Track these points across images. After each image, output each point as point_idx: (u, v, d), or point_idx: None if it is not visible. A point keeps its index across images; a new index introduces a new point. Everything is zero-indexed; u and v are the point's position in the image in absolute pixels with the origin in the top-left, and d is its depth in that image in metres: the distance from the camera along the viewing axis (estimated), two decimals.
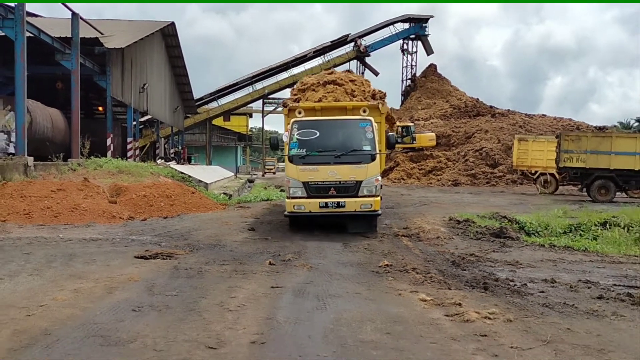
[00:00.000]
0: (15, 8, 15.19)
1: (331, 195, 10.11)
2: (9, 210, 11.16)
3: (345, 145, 10.36)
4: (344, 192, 10.11)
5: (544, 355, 4.05)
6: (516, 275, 7.19)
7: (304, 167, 10.19)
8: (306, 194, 10.15)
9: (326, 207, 10.08)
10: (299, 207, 10.14)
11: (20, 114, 15.51)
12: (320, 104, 12.00)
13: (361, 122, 10.57)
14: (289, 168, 10.43)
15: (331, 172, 10.12)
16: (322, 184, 10.14)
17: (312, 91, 13.21)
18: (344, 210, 10.09)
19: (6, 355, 3.74)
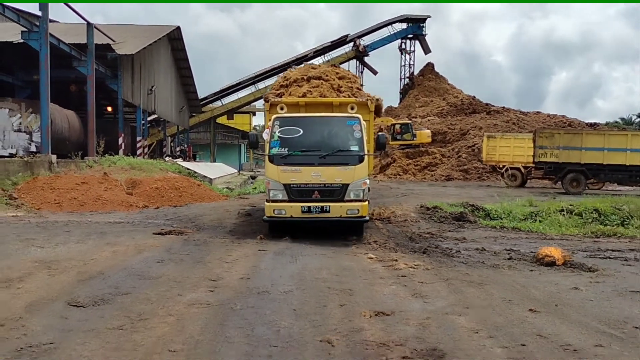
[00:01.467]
0: (39, 22, 17.17)
1: (315, 199, 9.34)
2: (42, 200, 13.16)
3: (331, 144, 9.64)
4: (329, 195, 9.38)
5: (439, 285, 5.98)
6: (457, 246, 9.10)
7: (286, 167, 9.42)
8: (287, 198, 9.38)
9: (309, 212, 9.30)
10: (279, 211, 9.35)
11: (44, 116, 17.53)
12: (304, 99, 11.20)
13: (349, 120, 9.83)
14: (269, 168, 9.61)
15: (315, 174, 9.39)
16: (305, 187, 9.39)
17: (296, 86, 12.32)
18: (328, 216, 9.33)
19: (74, 286, 5.68)
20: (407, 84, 56.02)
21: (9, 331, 4.23)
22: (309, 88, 12.04)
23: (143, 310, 4.83)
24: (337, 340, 4.17)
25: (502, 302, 5.37)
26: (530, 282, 6.31)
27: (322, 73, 12.80)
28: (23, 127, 21.34)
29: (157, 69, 32.75)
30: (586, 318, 4.89)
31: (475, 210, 14.29)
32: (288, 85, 12.48)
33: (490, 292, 5.79)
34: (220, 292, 5.48)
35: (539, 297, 5.63)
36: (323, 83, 12.30)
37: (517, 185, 25.43)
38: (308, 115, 10.26)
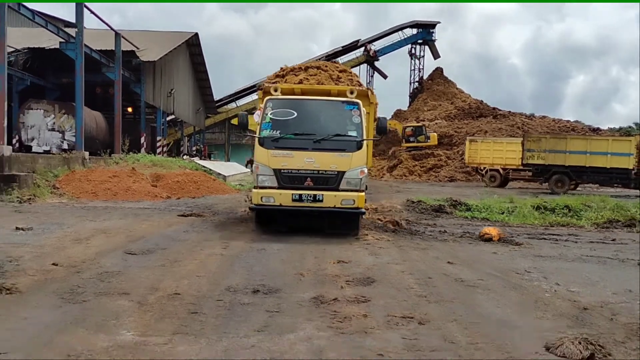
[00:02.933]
0: (76, 34, 19.57)
1: (307, 187, 8.88)
2: (80, 190, 15.50)
3: (327, 129, 9.13)
4: (323, 183, 8.92)
5: (393, 250, 8.13)
6: (424, 229, 11.20)
7: (277, 151, 8.90)
8: (277, 184, 8.90)
9: (300, 200, 8.81)
10: (267, 199, 8.88)
11: (79, 117, 19.95)
12: (300, 86, 10.60)
13: (347, 105, 9.32)
14: (259, 152, 9.13)
15: (309, 160, 8.87)
16: (297, 173, 8.89)
17: (292, 75, 11.86)
18: (321, 206, 8.84)
19: (126, 244, 7.91)
20: (417, 88, 57.98)
21: (90, 265, 6.47)
22: (306, 76, 11.62)
23: (176, 258, 7.07)
24: (307, 273, 6.36)
25: (431, 259, 7.52)
26: (463, 249, 8.45)
27: (322, 64, 12.53)
28: (56, 126, 23.84)
29: (176, 72, 35.21)
30: (485, 267, 7.02)
31: (458, 205, 16.30)
32: (284, 75, 11.99)
33: (428, 253, 7.94)
34: (230, 249, 7.70)
35: (461, 257, 7.76)
36: (321, 72, 11.91)
37: (496, 186, 27.48)
38: (304, 98, 9.74)
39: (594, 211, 14.43)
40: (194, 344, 4.01)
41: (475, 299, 5.55)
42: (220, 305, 5.04)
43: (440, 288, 5.92)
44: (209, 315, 4.73)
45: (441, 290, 5.80)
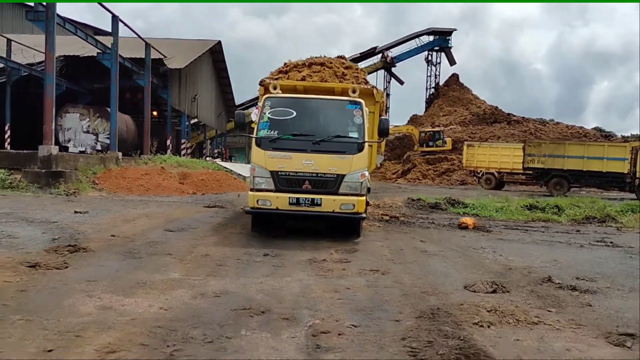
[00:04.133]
0: (112, 46, 21.78)
1: (305, 191, 8.60)
2: (116, 186, 17.61)
3: (327, 130, 8.89)
4: (322, 187, 8.63)
5: (380, 233, 9.97)
6: (416, 221, 12.99)
7: (274, 153, 8.67)
8: (274, 187, 8.65)
9: (297, 204, 8.54)
10: (263, 202, 8.63)
11: (113, 121, 22.16)
12: (302, 83, 10.41)
13: (349, 104, 9.05)
14: (256, 153, 8.87)
15: (307, 162, 8.61)
16: (295, 176, 8.63)
17: (295, 71, 11.61)
18: (319, 210, 8.59)
19: (165, 224, 9.88)
20: (433, 94, 59.54)
21: (140, 237, 8.45)
22: (309, 72, 11.33)
23: (205, 234, 9.04)
24: (307, 246, 8.25)
25: (409, 239, 9.37)
26: (439, 233, 10.27)
27: (326, 60, 12.17)
28: (91, 129, 26.16)
29: (199, 79, 37.45)
30: (449, 245, 8.84)
31: (456, 203, 18.05)
32: (287, 71, 11.75)
33: (408, 235, 9.78)
34: (247, 229, 9.64)
35: (434, 238, 9.59)
36: (325, 69, 11.59)
37: (491, 188, 29.12)
38: (303, 97, 9.46)
39: (579, 210, 16.07)
40: (220, 281, 5.93)
41: (430, 262, 7.39)
42: (239, 262, 6.97)
43: (407, 256, 7.77)
44: (231, 267, 6.66)
45: (406, 257, 7.66)
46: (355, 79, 11.57)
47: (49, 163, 16.13)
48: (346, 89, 9.80)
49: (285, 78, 11.21)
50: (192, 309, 4.83)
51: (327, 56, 12.64)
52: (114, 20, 21.76)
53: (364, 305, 5.15)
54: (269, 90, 9.59)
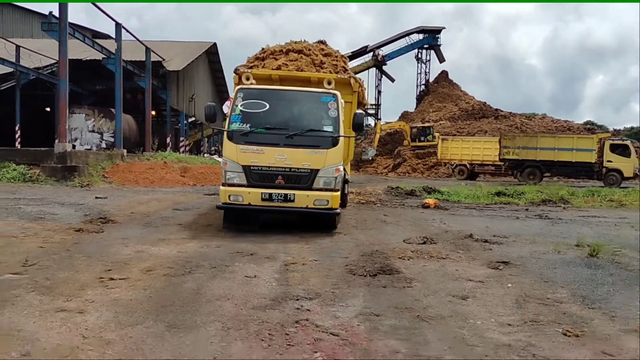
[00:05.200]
0: (115, 51, 23.74)
1: (278, 186, 8.47)
2: (124, 179, 19.61)
3: (301, 123, 8.74)
4: (295, 182, 8.50)
5: (352, 210, 12.00)
6: (390, 204, 15.00)
7: (246, 147, 8.49)
8: (246, 182, 8.50)
9: (270, 199, 8.41)
10: (235, 197, 8.51)
11: (118, 121, 24.15)
12: (277, 72, 10.25)
13: (324, 96, 8.85)
14: (227, 147, 8.73)
15: (280, 156, 8.46)
16: (268, 170, 8.46)
17: (272, 59, 11.35)
18: (292, 206, 8.46)
19: (173, 205, 11.90)
20: (423, 91, 61.52)
21: (154, 214, 10.48)
22: (285, 61, 11.07)
23: (207, 212, 11.06)
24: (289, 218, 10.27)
25: (375, 214, 11.39)
26: (402, 211, 12.30)
27: (305, 47, 11.84)
28: (96, 128, 28.17)
29: (196, 79, 39.42)
30: (406, 217, 10.88)
31: (432, 191, 20.06)
32: (264, 58, 11.51)
33: (375, 212, 11.81)
34: None
35: (396, 213, 11.63)
36: (303, 57, 11.33)
37: (463, 179, 31.24)
38: (277, 88, 9.30)
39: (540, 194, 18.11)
40: (220, 240, 7.96)
41: (385, 228, 9.45)
42: (236, 230, 8.98)
43: (368, 224, 9.83)
44: (228, 232, 8.68)
45: (367, 225, 9.71)
46: (334, 67, 11.32)
47: (64, 159, 18.09)
48: (322, 79, 9.56)
49: (262, 66, 11.01)
50: (201, 252, 6.87)
51: (306, 41, 12.25)
52: (117, 28, 23.73)
53: (325, 251, 7.19)
54: (242, 80, 9.35)
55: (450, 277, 5.93)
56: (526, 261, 6.79)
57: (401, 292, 5.26)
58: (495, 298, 5.17)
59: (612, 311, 4.82)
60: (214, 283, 5.38)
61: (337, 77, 10.23)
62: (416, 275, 5.95)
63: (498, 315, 4.63)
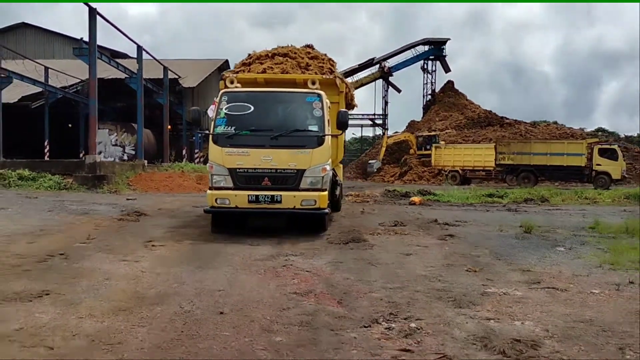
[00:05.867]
0: (137, 71, 26.11)
1: (265, 187, 8.51)
2: (146, 186, 21.82)
3: (286, 124, 8.84)
4: (282, 183, 8.57)
5: (345, 205, 14.03)
6: (382, 203, 16.97)
7: (231, 149, 8.58)
8: (232, 185, 8.57)
9: (257, 201, 8.44)
10: (222, 200, 8.60)
11: (140, 135, 26.46)
12: (263, 76, 10.29)
13: (308, 96, 8.91)
14: (213, 150, 8.82)
15: (265, 158, 8.51)
16: (254, 172, 8.53)
17: (258, 63, 11.36)
18: (279, 207, 8.51)
19: (192, 204, 14.01)
20: (429, 101, 63.46)
21: (178, 210, 12.61)
22: (270, 64, 11.10)
23: None
24: None
25: (363, 208, 13.39)
26: (389, 207, 14.30)
27: (290, 50, 11.87)
28: (118, 142, 30.55)
29: (209, 95, 41.80)
30: (391, 211, 12.89)
31: (426, 193, 22.00)
32: (250, 63, 11.53)
33: (364, 207, 13.80)
34: None
35: (383, 208, 13.60)
36: (288, 60, 11.39)
37: (456, 184, 32.96)
38: (260, 90, 9.40)
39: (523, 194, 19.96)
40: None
41: (368, 217, 11.50)
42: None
43: (355, 215, 11.88)
44: None
45: (354, 215, 11.77)
46: (320, 69, 11.22)
47: (94, 169, 20.33)
48: (307, 80, 9.50)
49: (247, 70, 10.99)
50: (216, 232, 8.94)
51: (293, 45, 12.35)
52: (139, 50, 26.11)
53: (312, 232, 9.20)
54: (227, 84, 9.46)
55: (404, 244, 7.96)
56: (469, 235, 8.80)
57: (363, 252, 7.30)
58: (431, 255, 7.19)
59: (511, 261, 6.82)
60: (227, 248, 7.46)
61: (322, 77, 10.21)
62: (378, 243, 7.99)
63: (427, 263, 6.65)
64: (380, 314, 4.51)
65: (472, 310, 4.68)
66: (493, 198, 19.58)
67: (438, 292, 5.24)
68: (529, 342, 3.92)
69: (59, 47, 46.80)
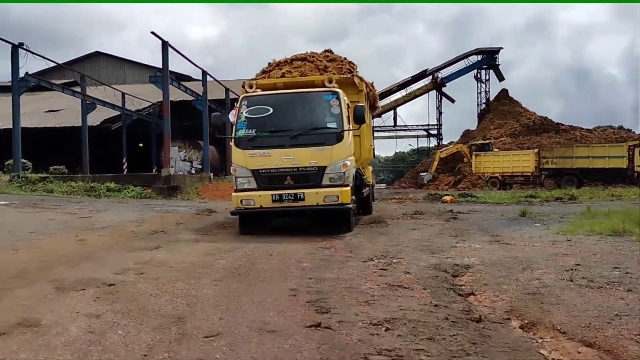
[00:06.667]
0: (202, 94, 29.51)
1: (287, 186, 8.83)
2: (213, 195, 24.93)
3: (304, 123, 9.12)
4: (304, 181, 8.86)
5: (382, 204, 16.44)
6: (418, 204, 19.20)
7: (253, 151, 8.92)
8: (256, 185, 8.93)
9: (280, 200, 8.78)
10: (247, 201, 8.97)
11: (206, 150, 29.84)
12: (282, 80, 10.49)
13: (325, 95, 9.17)
14: (236, 154, 9.19)
15: (286, 157, 8.80)
16: (276, 172, 8.84)
17: (277, 69, 11.71)
18: (303, 205, 8.81)
19: None
20: (483, 109, 64.58)
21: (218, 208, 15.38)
22: (289, 69, 11.46)
23: None
24: None
25: (397, 206, 15.75)
26: (421, 204, 16.56)
27: (308, 55, 12.25)
28: (187, 158, 34.11)
29: None
30: (419, 206, 15.14)
31: (467, 196, 23.95)
32: (270, 70, 11.91)
33: (399, 204, 16.14)
34: None
35: (415, 205, 15.88)
36: (306, 63, 11.70)
37: (497, 189, 34.21)
38: (278, 92, 9.68)
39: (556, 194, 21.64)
40: None
41: (397, 210, 13.82)
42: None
43: (386, 210, 14.25)
44: None
45: (385, 209, 14.12)
46: (339, 70, 11.40)
47: (169, 181, 23.63)
48: (325, 80, 9.71)
49: (267, 77, 11.33)
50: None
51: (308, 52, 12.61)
52: (203, 75, 29.57)
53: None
54: (246, 89, 9.80)
55: (414, 224, 10.38)
56: (471, 219, 11.07)
57: (379, 229, 9.78)
58: (431, 230, 9.57)
59: (489, 232, 9.10)
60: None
61: (339, 76, 10.40)
62: (394, 224, 10.44)
63: (424, 234, 9.04)
64: (375, 256, 7.00)
65: (439, 255, 7.08)
66: (527, 198, 21.39)
67: (421, 247, 7.67)
68: (464, 266, 6.32)
69: (129, 72, 51.45)
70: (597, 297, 4.97)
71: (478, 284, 5.55)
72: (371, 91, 12.99)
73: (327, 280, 5.64)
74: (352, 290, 5.22)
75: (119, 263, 6.41)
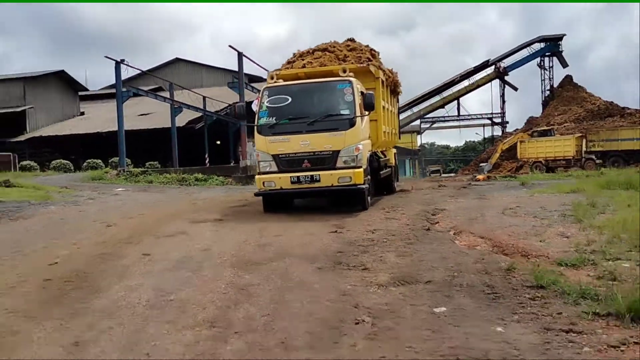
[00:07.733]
0: None
1: (305, 169, 9.66)
2: None
3: (320, 111, 9.86)
4: (320, 164, 9.65)
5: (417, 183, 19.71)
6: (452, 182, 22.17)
7: (274, 137, 9.74)
8: (277, 169, 9.78)
9: (298, 182, 9.65)
10: (268, 183, 9.80)
11: None
12: (303, 70, 11.17)
13: (339, 84, 9.92)
14: (258, 140, 10.05)
15: (304, 142, 9.60)
16: (294, 156, 9.66)
17: (300, 60, 12.44)
18: (319, 186, 9.66)
19: None
20: (548, 96, 65.27)
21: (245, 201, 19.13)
22: (310, 59, 12.19)
23: None
24: None
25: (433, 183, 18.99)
26: (458, 182, 19.65)
27: (329, 45, 12.97)
28: None
29: None
30: (451, 184, 18.27)
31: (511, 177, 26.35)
32: (294, 61, 12.65)
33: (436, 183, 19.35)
34: None
35: (449, 183, 19.02)
36: (327, 54, 12.38)
37: (541, 172, 35.86)
38: (296, 82, 10.38)
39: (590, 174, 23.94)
40: None
41: (426, 185, 17.09)
42: None
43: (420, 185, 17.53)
44: None
45: (418, 185, 17.41)
46: (358, 59, 12.13)
47: (246, 170, 27.82)
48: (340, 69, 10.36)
49: (291, 67, 12.14)
50: None
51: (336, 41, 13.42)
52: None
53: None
54: (268, 80, 10.66)
55: (430, 193, 13.74)
56: (479, 189, 14.21)
57: (402, 195, 13.25)
58: (439, 194, 12.97)
59: (482, 194, 12.28)
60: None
61: (354, 66, 11.22)
62: (414, 192, 13.80)
63: (432, 196, 12.38)
64: (387, 207, 10.50)
65: (432, 206, 10.48)
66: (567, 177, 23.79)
67: (423, 202, 11.13)
68: (442, 209, 9.70)
69: (205, 75, 56.50)
70: (509, 219, 8.29)
71: (443, 218, 8.96)
72: (390, 77, 13.82)
73: (349, 217, 9.21)
74: (362, 222, 8.79)
75: (220, 212, 10.33)
